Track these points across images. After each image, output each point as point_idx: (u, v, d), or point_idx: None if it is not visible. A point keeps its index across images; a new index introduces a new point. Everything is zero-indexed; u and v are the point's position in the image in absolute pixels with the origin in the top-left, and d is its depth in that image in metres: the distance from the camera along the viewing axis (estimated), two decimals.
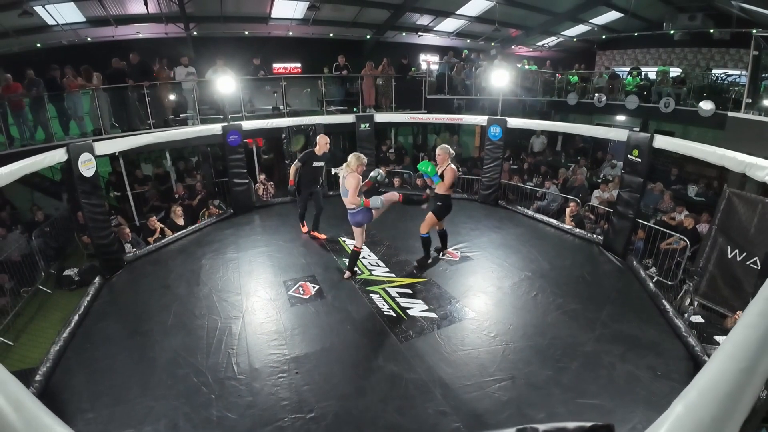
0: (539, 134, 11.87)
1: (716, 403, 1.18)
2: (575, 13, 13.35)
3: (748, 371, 1.21)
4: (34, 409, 1.34)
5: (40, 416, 1.33)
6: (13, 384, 1.38)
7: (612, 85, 12.21)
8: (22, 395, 1.37)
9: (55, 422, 1.31)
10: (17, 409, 1.31)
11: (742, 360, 1.23)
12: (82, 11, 9.23)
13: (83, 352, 4.14)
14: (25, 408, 1.33)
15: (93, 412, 3.35)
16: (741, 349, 1.27)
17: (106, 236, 5.65)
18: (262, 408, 3.32)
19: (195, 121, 8.80)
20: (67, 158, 5.10)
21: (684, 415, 1.19)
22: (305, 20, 11.93)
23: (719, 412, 1.17)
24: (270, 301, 4.88)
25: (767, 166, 3.65)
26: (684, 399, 1.23)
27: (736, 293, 4.95)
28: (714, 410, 1.17)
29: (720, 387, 1.21)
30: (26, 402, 1.35)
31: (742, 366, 1.22)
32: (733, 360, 1.25)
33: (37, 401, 1.41)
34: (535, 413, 3.23)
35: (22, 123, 7.43)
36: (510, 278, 5.32)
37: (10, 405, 1.27)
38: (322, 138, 6.33)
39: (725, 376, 1.23)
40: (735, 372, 1.22)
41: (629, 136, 5.78)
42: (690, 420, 1.18)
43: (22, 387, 1.44)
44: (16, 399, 1.33)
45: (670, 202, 7.67)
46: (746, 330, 1.31)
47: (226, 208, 8.01)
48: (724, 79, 11.27)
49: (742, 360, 1.23)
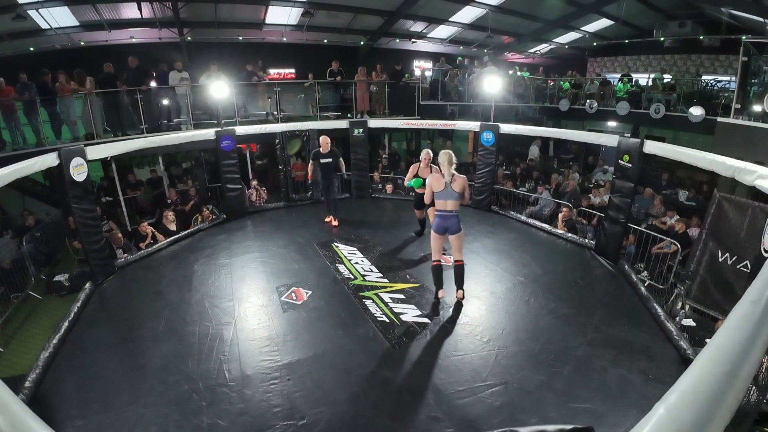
0: (540, 142, 11.77)
1: (697, 405, 1.18)
2: (567, 21, 13.53)
3: (731, 374, 1.21)
4: (20, 413, 1.34)
5: (25, 420, 1.32)
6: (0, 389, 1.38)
7: (603, 91, 12.36)
8: (9, 399, 1.37)
9: (40, 426, 1.31)
10: (3, 412, 1.30)
11: (725, 363, 1.23)
12: (75, 15, 9.22)
13: (73, 359, 4.09)
14: (10, 412, 1.32)
15: (82, 419, 3.30)
16: (724, 351, 1.27)
17: (98, 241, 5.60)
18: (253, 415, 3.29)
19: (188, 126, 8.78)
20: (58, 163, 5.06)
21: (665, 417, 1.19)
22: (299, 26, 11.99)
23: (700, 415, 1.16)
24: (262, 307, 4.85)
25: (756, 170, 3.70)
26: (665, 401, 1.23)
27: (727, 296, 4.99)
28: (695, 413, 1.16)
29: (701, 389, 1.20)
30: (12, 406, 1.34)
31: (725, 369, 1.22)
32: (716, 363, 1.25)
33: (23, 405, 1.41)
34: (528, 418, 3.22)
35: (14, 127, 7.38)
36: (503, 283, 5.34)
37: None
38: (324, 138, 7.01)
39: (707, 378, 1.22)
40: (717, 375, 1.21)
41: (620, 141, 5.84)
42: (671, 422, 1.17)
43: (9, 391, 1.43)
44: (2, 403, 1.33)
45: (661, 207, 7.74)
46: (730, 333, 1.31)
47: (218, 214, 7.98)
48: (713, 85, 11.44)
49: (724, 363, 1.23)
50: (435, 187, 4.53)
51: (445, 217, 4.52)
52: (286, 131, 8.52)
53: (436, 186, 4.51)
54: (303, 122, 8.85)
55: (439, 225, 4.55)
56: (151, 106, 8.47)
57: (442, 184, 4.47)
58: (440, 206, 4.54)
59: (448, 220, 4.52)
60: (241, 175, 7.99)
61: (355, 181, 9.13)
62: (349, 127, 8.88)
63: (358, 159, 8.96)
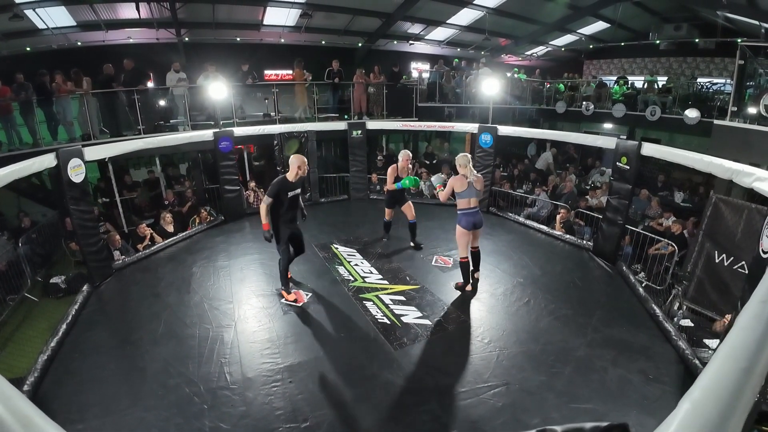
0: (549, 147, 11.43)
1: (721, 400, 1.26)
2: (563, 24, 13.60)
3: (748, 371, 1.28)
4: (28, 409, 1.34)
5: (33, 418, 1.32)
6: (6, 386, 1.38)
7: (599, 93, 12.43)
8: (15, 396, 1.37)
9: (48, 424, 1.32)
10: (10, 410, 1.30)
11: (742, 360, 1.31)
12: (73, 15, 9.16)
13: (71, 362, 4.06)
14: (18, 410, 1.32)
15: (82, 423, 3.28)
16: (740, 350, 1.34)
17: (95, 243, 5.56)
18: (255, 418, 3.28)
19: (186, 127, 8.75)
20: (56, 164, 5.03)
21: (692, 411, 1.26)
22: (297, 27, 11.97)
23: (724, 409, 1.24)
24: (262, 309, 4.83)
25: (754, 172, 3.73)
26: (690, 397, 1.30)
27: (724, 297, 5.04)
28: (720, 407, 1.24)
29: (723, 385, 1.28)
30: (19, 404, 1.35)
31: (742, 366, 1.30)
32: (733, 360, 1.32)
33: (30, 402, 1.41)
34: (530, 419, 3.23)
35: (10, 127, 7.33)
36: (502, 284, 5.35)
37: (3, 406, 1.27)
38: (299, 158, 4.56)
39: (727, 375, 1.30)
40: (736, 371, 1.29)
41: (618, 143, 5.88)
42: (698, 416, 1.25)
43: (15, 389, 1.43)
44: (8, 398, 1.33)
45: (657, 208, 7.79)
46: (743, 332, 1.38)
47: (216, 215, 7.95)
48: (709, 88, 11.54)
49: (741, 360, 1.31)
50: (458, 187, 4.83)
51: (473, 213, 4.88)
52: (284, 132, 8.51)
53: (459, 186, 4.82)
54: (301, 123, 8.86)
55: (468, 221, 4.86)
56: (148, 107, 8.43)
57: (465, 184, 4.80)
58: (464, 204, 4.87)
59: (476, 216, 4.90)
60: (238, 176, 7.96)
61: (353, 182, 9.13)
62: (348, 129, 8.88)
63: (356, 160, 8.96)
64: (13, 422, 1.26)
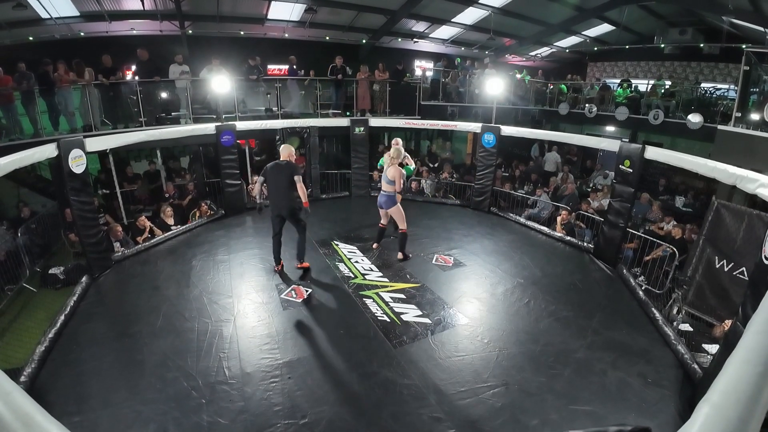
0: (552, 149, 11.20)
1: (740, 404, 1.26)
2: (568, 25, 13.55)
3: (764, 375, 1.30)
4: (26, 405, 1.32)
5: (31, 413, 1.31)
6: (5, 381, 1.36)
7: (602, 96, 12.40)
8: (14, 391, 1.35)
9: (49, 422, 1.30)
10: (10, 407, 1.28)
11: (758, 364, 1.32)
12: (76, 5, 9.08)
13: (69, 354, 4.04)
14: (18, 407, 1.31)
15: (79, 415, 3.26)
16: (756, 354, 1.36)
17: (95, 234, 5.54)
18: (253, 413, 3.27)
19: (188, 120, 8.72)
20: (57, 154, 5.00)
21: (712, 415, 1.27)
22: (302, 23, 11.91)
23: (744, 412, 1.25)
24: (262, 304, 4.82)
25: (758, 179, 3.73)
26: (708, 401, 1.31)
27: (723, 302, 5.03)
28: (740, 410, 1.25)
29: (741, 389, 1.29)
30: (19, 400, 1.33)
31: (759, 370, 1.31)
32: (750, 364, 1.33)
33: (30, 398, 1.39)
34: (529, 420, 3.23)
35: (11, 117, 7.28)
36: (503, 285, 5.35)
37: (2, 403, 1.26)
38: (286, 148, 5.38)
39: (745, 378, 1.31)
40: (753, 375, 1.31)
41: (621, 146, 5.86)
42: (719, 419, 1.26)
43: (13, 383, 1.41)
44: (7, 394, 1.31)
45: (658, 212, 7.78)
46: (757, 336, 1.39)
47: (217, 209, 7.93)
48: (712, 93, 11.52)
49: (758, 364, 1.32)
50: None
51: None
52: (286, 128, 8.49)
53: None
54: (303, 119, 8.83)
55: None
56: (150, 99, 8.40)
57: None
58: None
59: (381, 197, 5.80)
60: (240, 170, 7.94)
61: (354, 179, 9.11)
62: (350, 125, 8.86)
63: (358, 158, 8.94)
64: (13, 420, 1.23)
